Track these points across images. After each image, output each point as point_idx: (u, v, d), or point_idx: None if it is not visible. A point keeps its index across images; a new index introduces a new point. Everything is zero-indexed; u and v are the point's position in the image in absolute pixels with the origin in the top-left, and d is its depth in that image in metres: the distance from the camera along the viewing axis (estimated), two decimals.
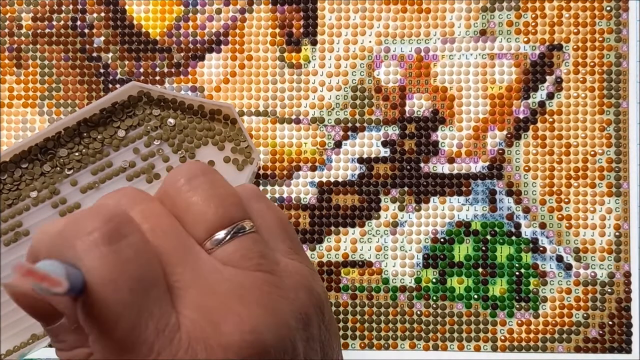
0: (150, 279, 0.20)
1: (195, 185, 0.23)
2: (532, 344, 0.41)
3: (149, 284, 0.20)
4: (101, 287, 0.19)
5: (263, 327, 0.21)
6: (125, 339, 0.20)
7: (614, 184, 0.41)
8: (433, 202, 0.42)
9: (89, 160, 0.41)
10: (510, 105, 0.42)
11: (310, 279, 0.24)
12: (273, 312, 0.21)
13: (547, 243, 0.42)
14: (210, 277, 0.21)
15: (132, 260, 0.20)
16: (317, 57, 0.43)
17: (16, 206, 0.41)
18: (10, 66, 0.43)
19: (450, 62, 0.42)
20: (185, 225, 0.23)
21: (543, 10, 0.42)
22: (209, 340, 0.20)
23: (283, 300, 0.22)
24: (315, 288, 0.24)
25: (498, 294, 0.41)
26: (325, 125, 0.43)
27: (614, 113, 0.42)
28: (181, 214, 0.23)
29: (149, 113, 0.41)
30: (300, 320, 0.22)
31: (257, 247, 0.23)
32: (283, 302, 0.22)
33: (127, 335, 0.20)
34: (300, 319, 0.22)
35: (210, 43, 0.43)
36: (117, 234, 0.20)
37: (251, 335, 0.20)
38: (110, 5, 0.43)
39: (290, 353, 0.21)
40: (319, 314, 0.24)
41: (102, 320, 0.20)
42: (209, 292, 0.21)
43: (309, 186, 0.42)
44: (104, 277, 0.20)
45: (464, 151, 0.42)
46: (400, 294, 0.42)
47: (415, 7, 0.42)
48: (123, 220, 0.21)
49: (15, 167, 0.41)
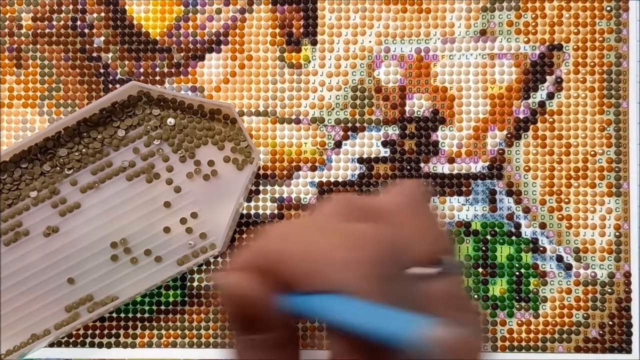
0: None
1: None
2: (532, 344, 0.41)
3: None
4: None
5: None
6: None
7: (614, 184, 0.41)
8: (433, 202, 0.42)
9: (88, 160, 0.41)
10: (511, 105, 0.42)
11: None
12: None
13: (547, 243, 0.42)
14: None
15: None
16: (317, 57, 0.43)
17: (16, 206, 0.41)
18: (10, 66, 0.43)
19: (450, 62, 0.42)
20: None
21: (543, 10, 0.42)
22: None
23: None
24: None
25: (498, 294, 0.41)
26: (325, 125, 0.43)
27: (614, 113, 0.42)
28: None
29: (148, 113, 0.41)
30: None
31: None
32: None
33: None
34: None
35: (210, 43, 0.43)
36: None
37: None
38: (110, 5, 0.43)
39: None
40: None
41: None
42: None
43: (309, 186, 0.42)
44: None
45: (464, 151, 0.42)
46: None
47: (415, 7, 0.42)
48: None
49: (15, 166, 0.41)
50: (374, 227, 0.21)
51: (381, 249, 0.20)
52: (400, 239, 0.22)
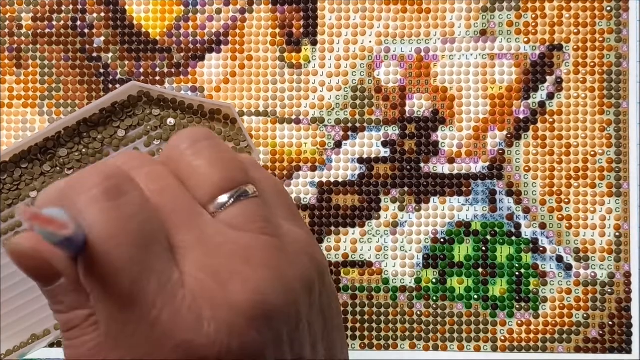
0: (151, 236, 0.20)
1: (198, 149, 0.23)
2: (532, 344, 0.41)
3: (150, 240, 0.20)
4: (102, 242, 0.20)
5: (270, 289, 0.21)
6: (127, 294, 0.20)
7: (614, 184, 0.41)
8: (433, 202, 0.42)
9: (88, 160, 0.41)
10: (511, 105, 0.42)
11: (311, 245, 0.24)
12: (280, 275, 0.21)
13: (547, 243, 0.42)
14: (215, 238, 0.21)
15: (132, 216, 0.20)
16: (317, 57, 0.43)
17: (16, 206, 0.41)
18: (10, 66, 0.43)
19: (451, 62, 0.42)
20: (189, 189, 0.23)
21: (543, 11, 0.42)
22: (215, 299, 0.20)
23: (288, 264, 0.22)
24: (315, 254, 0.24)
25: (498, 294, 0.41)
26: (325, 125, 0.43)
27: (614, 113, 0.42)
28: (185, 177, 0.23)
29: (148, 113, 0.41)
30: (305, 285, 0.22)
31: (261, 211, 0.23)
32: (288, 266, 0.22)
33: (128, 290, 0.20)
34: (304, 284, 0.22)
35: (210, 43, 0.43)
36: (118, 191, 0.20)
37: (258, 296, 0.20)
38: (110, 5, 0.43)
39: (294, 316, 0.22)
40: (320, 280, 0.24)
41: (103, 275, 0.20)
42: (215, 253, 0.21)
43: (309, 186, 0.42)
44: (105, 232, 0.20)
45: (464, 151, 0.42)
46: (400, 294, 0.42)
47: (415, 7, 0.42)
48: (123, 178, 0.21)
49: (15, 167, 0.41)
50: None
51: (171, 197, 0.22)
52: (185, 177, 0.23)
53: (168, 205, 0.22)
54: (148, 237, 0.20)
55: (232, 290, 0.20)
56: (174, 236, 0.21)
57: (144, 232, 0.20)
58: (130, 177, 0.21)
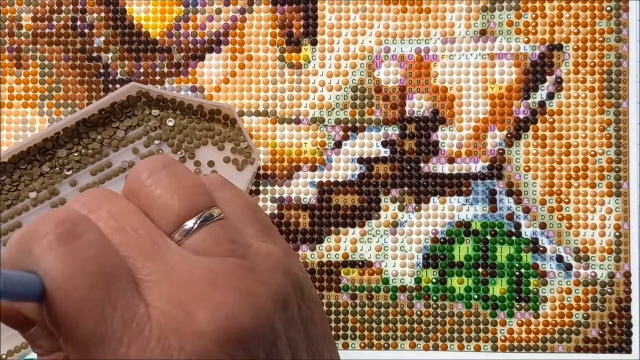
0: (111, 274, 0.20)
1: (157, 179, 0.23)
2: (532, 344, 0.41)
3: (110, 278, 0.20)
4: (59, 287, 0.20)
5: (238, 312, 0.21)
6: (92, 335, 0.20)
7: (614, 184, 0.41)
8: (433, 202, 0.42)
9: (88, 161, 0.41)
10: (511, 105, 0.42)
11: (284, 259, 0.24)
12: (248, 295, 0.21)
13: (547, 243, 0.42)
14: (181, 267, 0.21)
15: (88, 258, 0.20)
16: (317, 57, 0.43)
17: (15, 207, 0.41)
18: (10, 66, 0.43)
19: (450, 62, 0.42)
20: (152, 220, 0.23)
21: (543, 10, 0.42)
22: (183, 330, 0.20)
23: (258, 284, 0.22)
24: (291, 268, 0.24)
25: (498, 294, 0.41)
26: (325, 125, 0.43)
27: (614, 113, 0.42)
28: (147, 208, 0.23)
29: (148, 113, 0.41)
30: (278, 301, 0.22)
31: (227, 233, 0.23)
32: (258, 285, 0.22)
33: (93, 331, 0.20)
34: (278, 300, 0.22)
35: (210, 43, 0.43)
36: (71, 235, 0.21)
37: (226, 321, 0.20)
38: (110, 5, 0.43)
39: (269, 334, 0.21)
40: (298, 293, 0.24)
41: (65, 319, 0.20)
42: (181, 283, 0.21)
43: (309, 186, 0.42)
44: (61, 277, 0.20)
45: (464, 151, 0.42)
46: (400, 294, 0.42)
47: (415, 7, 0.42)
48: (76, 220, 0.21)
49: (14, 167, 0.41)
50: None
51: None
52: (147, 208, 0.23)
53: (130, 240, 0.22)
54: (107, 276, 0.20)
55: (199, 319, 0.20)
56: (139, 270, 0.21)
57: (102, 272, 0.20)
58: (85, 219, 0.22)
